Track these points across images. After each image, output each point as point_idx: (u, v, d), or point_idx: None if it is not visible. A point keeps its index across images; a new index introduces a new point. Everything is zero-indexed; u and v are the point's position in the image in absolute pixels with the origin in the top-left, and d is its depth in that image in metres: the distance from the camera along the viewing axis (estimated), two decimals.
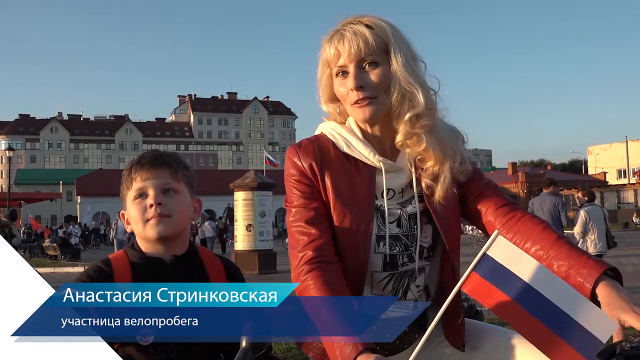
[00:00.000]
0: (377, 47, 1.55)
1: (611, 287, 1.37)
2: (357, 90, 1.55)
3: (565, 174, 73.62)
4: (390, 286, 1.63)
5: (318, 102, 1.72)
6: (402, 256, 1.62)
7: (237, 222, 16.98)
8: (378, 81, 1.55)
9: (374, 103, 1.56)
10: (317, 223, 1.57)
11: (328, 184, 1.59)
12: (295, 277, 1.53)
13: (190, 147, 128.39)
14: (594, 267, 1.40)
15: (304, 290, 1.49)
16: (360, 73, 1.56)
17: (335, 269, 1.52)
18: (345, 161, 1.62)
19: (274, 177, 19.87)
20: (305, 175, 1.60)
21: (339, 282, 1.50)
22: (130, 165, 1.67)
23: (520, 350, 1.52)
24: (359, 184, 1.60)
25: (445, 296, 1.68)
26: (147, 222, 1.59)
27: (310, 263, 1.51)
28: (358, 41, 1.54)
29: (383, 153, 1.63)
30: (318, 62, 1.65)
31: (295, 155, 1.63)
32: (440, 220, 1.61)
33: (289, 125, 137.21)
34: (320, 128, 1.71)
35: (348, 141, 1.63)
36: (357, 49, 1.54)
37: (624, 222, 43.54)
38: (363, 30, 1.55)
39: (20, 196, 48.23)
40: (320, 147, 1.63)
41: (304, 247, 1.54)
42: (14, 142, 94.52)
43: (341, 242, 1.57)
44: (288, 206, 1.63)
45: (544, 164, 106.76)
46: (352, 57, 1.55)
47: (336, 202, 1.58)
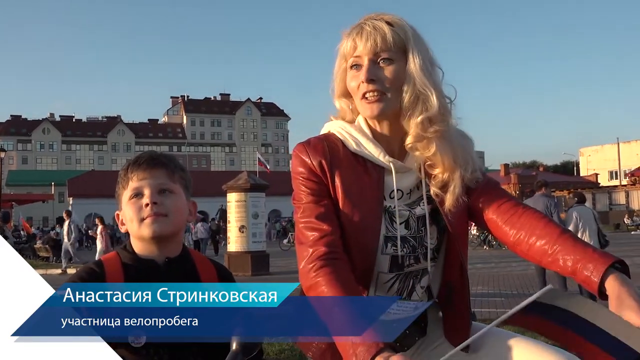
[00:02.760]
0: (395, 44, 1.54)
1: (619, 282, 1.34)
2: (367, 83, 1.54)
3: (558, 176, 73.87)
4: (396, 287, 1.62)
5: (331, 96, 1.70)
6: (409, 257, 1.61)
7: (229, 224, 16.93)
8: (391, 77, 1.54)
9: (383, 100, 1.55)
10: (328, 219, 1.55)
11: (337, 182, 1.58)
12: (305, 273, 1.50)
13: (183, 149, 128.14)
14: (599, 261, 1.38)
15: (314, 286, 1.47)
16: (374, 67, 1.55)
17: (345, 265, 1.51)
18: (354, 160, 1.61)
19: (267, 179, 19.88)
20: (314, 173, 1.59)
21: (351, 280, 1.48)
22: (126, 165, 1.67)
23: (523, 351, 1.51)
24: (367, 184, 1.58)
25: (452, 296, 1.67)
26: (142, 221, 1.58)
27: (323, 259, 1.49)
28: (376, 36, 1.53)
29: (391, 153, 1.61)
30: (336, 55, 1.64)
31: (304, 153, 1.61)
32: (452, 225, 1.60)
33: (282, 127, 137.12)
34: (327, 127, 1.70)
35: (358, 140, 1.61)
36: (373, 43, 1.53)
37: (616, 224, 43.65)
38: (383, 27, 1.54)
39: (11, 197, 47.94)
40: (330, 146, 1.62)
41: (316, 242, 1.52)
42: (6, 143, 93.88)
43: (349, 242, 1.56)
44: (296, 203, 1.61)
45: (536, 165, 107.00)
46: (368, 51, 1.54)
47: (345, 200, 1.57)
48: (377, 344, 1.29)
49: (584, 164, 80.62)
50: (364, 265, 1.57)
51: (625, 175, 62.73)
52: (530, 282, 11.86)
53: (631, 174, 57.91)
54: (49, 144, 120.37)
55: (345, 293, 1.42)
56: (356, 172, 1.59)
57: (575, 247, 1.44)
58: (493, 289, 11.44)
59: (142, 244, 1.62)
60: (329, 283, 1.44)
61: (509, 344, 1.54)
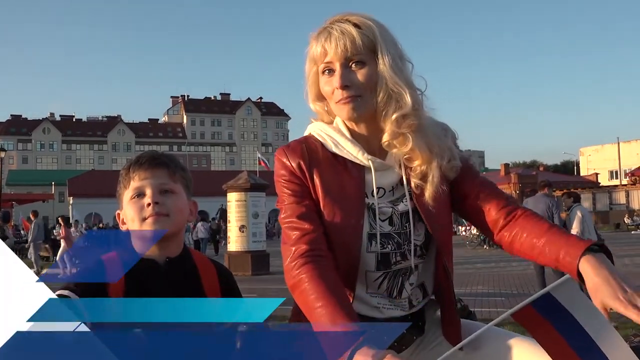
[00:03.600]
0: (364, 46, 1.55)
1: (597, 264, 1.34)
2: (342, 89, 1.55)
3: (558, 175, 73.89)
4: (385, 285, 1.63)
5: (305, 100, 1.72)
6: (395, 254, 1.61)
7: (230, 223, 16.94)
8: (364, 80, 1.55)
9: (358, 101, 1.56)
10: (309, 218, 1.56)
11: (317, 182, 1.59)
12: (288, 271, 1.52)
13: (183, 148, 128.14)
14: (578, 245, 1.39)
15: (297, 283, 1.48)
16: (347, 72, 1.55)
17: (328, 263, 1.52)
18: (334, 161, 1.62)
19: (267, 179, 19.86)
20: (294, 175, 1.61)
21: (333, 276, 1.49)
22: (128, 165, 1.67)
23: (520, 351, 1.51)
24: (348, 183, 1.60)
25: (441, 294, 1.68)
26: (144, 221, 1.58)
27: (304, 256, 1.50)
28: (345, 40, 1.54)
29: (371, 152, 1.63)
30: (305, 58, 1.65)
31: (284, 156, 1.63)
32: (430, 218, 1.61)
33: (282, 126, 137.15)
34: (308, 129, 1.72)
35: (336, 141, 1.63)
36: (343, 48, 1.54)
37: (616, 223, 43.66)
38: (350, 29, 1.55)
39: (12, 197, 47.97)
40: (309, 148, 1.64)
41: (297, 240, 1.54)
42: (6, 143, 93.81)
43: (332, 241, 1.57)
44: (280, 205, 1.63)
45: (536, 165, 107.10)
46: (339, 56, 1.55)
47: (325, 200, 1.58)
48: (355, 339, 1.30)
49: (584, 164, 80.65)
50: (349, 264, 1.58)
51: (626, 174, 62.72)
52: (530, 281, 11.85)
53: (631, 174, 57.91)
54: (49, 144, 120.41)
55: (327, 289, 1.43)
56: (336, 171, 1.61)
57: (559, 238, 1.46)
58: (493, 289, 11.45)
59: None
60: (311, 280, 1.46)
61: (508, 344, 1.54)
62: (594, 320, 1.30)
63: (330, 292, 1.43)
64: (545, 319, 1.31)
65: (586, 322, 1.30)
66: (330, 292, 1.43)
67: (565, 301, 1.31)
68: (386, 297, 1.63)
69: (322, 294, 1.43)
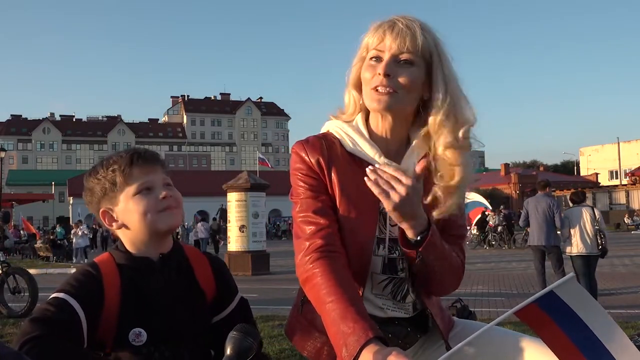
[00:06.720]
0: (422, 48, 1.53)
1: None
2: (384, 77, 1.52)
3: (558, 175, 74.00)
4: (390, 288, 1.62)
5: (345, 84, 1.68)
6: (402, 261, 1.60)
7: (230, 223, 16.94)
8: (406, 80, 1.53)
9: (392, 96, 1.53)
10: (325, 214, 1.56)
11: (334, 180, 1.58)
12: (301, 265, 1.51)
13: (183, 148, 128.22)
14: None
15: (310, 277, 1.48)
16: (394, 64, 1.53)
17: (342, 259, 1.51)
18: (351, 160, 1.61)
19: (268, 178, 19.85)
20: (312, 170, 1.60)
21: (345, 273, 1.49)
22: (119, 163, 1.61)
23: (521, 350, 1.51)
24: (363, 184, 1.55)
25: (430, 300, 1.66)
26: (161, 213, 1.57)
27: (319, 251, 1.50)
28: (406, 35, 1.52)
29: (388, 154, 1.61)
30: (360, 43, 1.62)
31: (303, 151, 1.62)
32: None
33: (282, 127, 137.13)
34: (326, 126, 1.70)
35: (354, 140, 1.62)
36: (402, 42, 1.52)
37: (616, 223, 43.66)
38: (416, 28, 1.53)
39: (12, 197, 48.00)
40: (328, 144, 1.62)
41: (312, 235, 1.53)
42: (6, 143, 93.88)
43: (344, 239, 1.56)
44: (294, 199, 1.62)
45: (536, 165, 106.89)
46: (394, 47, 1.53)
47: (342, 198, 1.57)
48: (367, 334, 1.31)
49: (584, 164, 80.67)
50: (359, 263, 1.57)
51: (626, 174, 62.77)
52: (530, 281, 11.86)
53: (631, 174, 57.96)
54: (49, 144, 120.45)
55: (340, 285, 1.43)
56: (353, 171, 1.59)
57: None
58: (493, 289, 11.46)
59: (139, 242, 1.60)
60: (324, 275, 1.45)
61: (514, 342, 1.54)
62: (599, 319, 1.29)
63: (342, 288, 1.43)
64: (549, 317, 1.29)
65: (591, 321, 1.29)
66: (342, 288, 1.43)
67: (569, 300, 1.29)
68: (391, 300, 1.63)
69: (333, 289, 1.42)
